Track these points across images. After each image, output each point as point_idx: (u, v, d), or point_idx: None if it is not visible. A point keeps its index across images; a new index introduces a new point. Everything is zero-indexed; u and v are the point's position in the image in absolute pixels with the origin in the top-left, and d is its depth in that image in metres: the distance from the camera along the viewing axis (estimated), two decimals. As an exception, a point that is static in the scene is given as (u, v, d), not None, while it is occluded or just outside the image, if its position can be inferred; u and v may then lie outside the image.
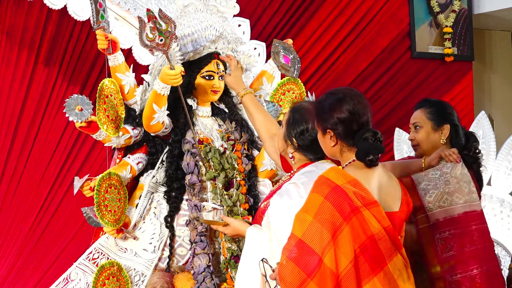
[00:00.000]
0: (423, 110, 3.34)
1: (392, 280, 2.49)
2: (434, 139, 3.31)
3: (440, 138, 3.30)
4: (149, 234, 3.39)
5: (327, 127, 2.59)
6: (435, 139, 3.31)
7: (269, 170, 3.54)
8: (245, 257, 2.79)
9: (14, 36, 4.42)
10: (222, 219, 3.03)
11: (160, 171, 3.48)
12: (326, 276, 2.40)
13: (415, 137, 3.34)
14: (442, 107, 3.37)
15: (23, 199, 4.50)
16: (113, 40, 3.35)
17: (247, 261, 2.76)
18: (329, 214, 2.43)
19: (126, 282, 3.32)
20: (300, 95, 3.61)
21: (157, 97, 3.27)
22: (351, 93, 2.59)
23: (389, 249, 2.50)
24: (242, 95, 3.36)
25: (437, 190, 3.09)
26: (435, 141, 3.30)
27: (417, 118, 3.34)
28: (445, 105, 3.41)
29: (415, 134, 3.34)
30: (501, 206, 4.75)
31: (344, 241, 2.43)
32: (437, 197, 3.08)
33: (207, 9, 3.51)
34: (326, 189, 2.47)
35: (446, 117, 3.33)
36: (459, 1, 5.63)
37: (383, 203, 2.54)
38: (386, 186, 2.60)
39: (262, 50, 4.02)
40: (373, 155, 2.54)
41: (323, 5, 5.17)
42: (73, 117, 3.30)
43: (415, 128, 3.34)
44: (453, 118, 3.34)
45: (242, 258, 2.81)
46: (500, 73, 6.32)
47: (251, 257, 2.75)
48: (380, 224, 2.49)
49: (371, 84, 5.34)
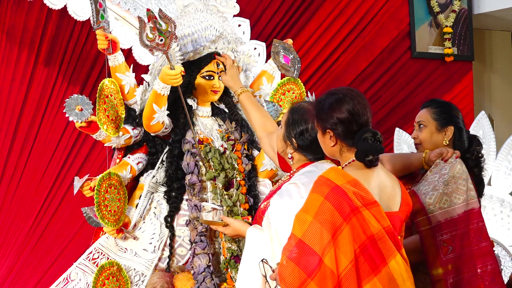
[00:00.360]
0: (429, 109, 3.34)
1: (392, 280, 2.49)
2: (437, 140, 3.30)
3: (443, 139, 3.30)
4: (149, 234, 3.39)
5: (326, 127, 2.60)
6: (438, 139, 3.30)
7: (269, 170, 3.54)
8: (245, 258, 2.78)
9: (14, 36, 4.42)
10: (222, 220, 3.03)
11: (160, 171, 3.48)
12: (326, 276, 2.40)
13: (418, 135, 3.33)
14: (448, 108, 3.37)
15: (23, 199, 4.50)
16: (113, 40, 3.35)
17: (248, 262, 2.76)
18: (329, 214, 2.43)
19: (126, 282, 3.33)
20: (300, 95, 3.61)
21: (157, 97, 3.27)
22: (351, 93, 2.59)
23: (389, 249, 2.50)
24: (239, 94, 3.38)
25: (436, 191, 3.08)
26: (438, 141, 3.30)
27: (422, 117, 3.34)
28: (451, 106, 3.41)
29: (419, 133, 3.33)
30: (501, 206, 4.75)
31: (344, 241, 2.43)
32: (437, 198, 3.08)
33: (207, 9, 3.52)
34: (326, 189, 2.47)
35: (451, 119, 3.33)
36: (459, 1, 5.63)
37: (382, 203, 2.54)
38: (385, 186, 2.60)
39: (262, 50, 4.02)
40: (373, 156, 2.54)
41: (323, 5, 5.17)
42: (73, 117, 3.30)
43: (419, 126, 3.34)
44: (458, 120, 3.34)
45: (243, 259, 2.81)
46: (500, 73, 6.32)
47: (251, 257, 2.74)
48: (380, 224, 2.49)
49: (371, 84, 5.34)
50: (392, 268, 2.49)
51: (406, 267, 2.55)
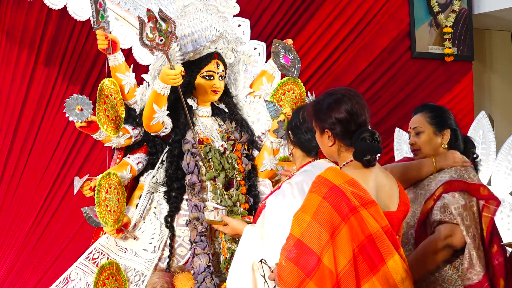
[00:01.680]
0: (423, 114, 3.34)
1: (391, 280, 2.50)
2: (435, 144, 3.32)
3: (442, 143, 3.31)
4: (149, 234, 3.39)
5: (325, 127, 2.61)
6: (436, 143, 3.32)
7: (269, 170, 3.54)
8: (237, 255, 2.81)
9: (14, 36, 4.42)
10: (222, 219, 3.05)
11: (160, 171, 3.48)
12: (325, 276, 2.40)
13: (416, 141, 3.34)
14: (441, 112, 3.38)
15: (23, 199, 4.50)
16: (113, 40, 3.35)
17: (238, 259, 2.78)
18: (328, 214, 2.44)
19: (124, 282, 3.32)
20: (300, 95, 3.61)
21: (157, 97, 3.27)
22: (349, 94, 2.60)
23: (387, 248, 2.50)
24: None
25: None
26: (436, 145, 3.31)
27: (418, 122, 3.34)
28: (444, 109, 3.43)
29: (416, 139, 3.34)
30: (501, 206, 4.75)
31: (343, 241, 2.44)
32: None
33: (207, 9, 3.51)
34: (324, 189, 2.47)
35: (446, 122, 3.34)
36: (459, 1, 5.63)
37: (380, 203, 2.54)
38: (383, 186, 2.61)
39: (262, 50, 4.02)
40: (371, 155, 2.55)
41: (323, 5, 5.17)
42: (73, 117, 3.30)
43: (415, 133, 3.34)
44: (452, 123, 3.37)
45: (235, 256, 2.84)
46: (500, 73, 6.32)
47: (242, 255, 2.77)
48: (378, 223, 2.49)
49: (371, 84, 5.35)
50: (390, 268, 2.50)
51: (404, 266, 2.55)
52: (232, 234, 3.03)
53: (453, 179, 3.20)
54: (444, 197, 3.17)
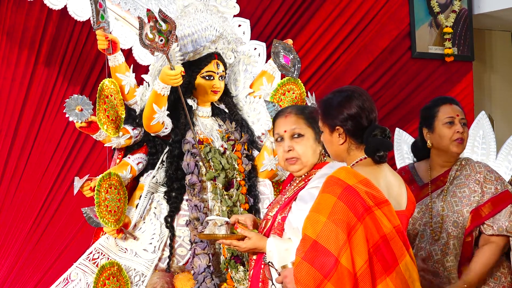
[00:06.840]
0: (457, 106, 3.43)
1: (404, 281, 2.47)
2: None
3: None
4: (149, 234, 3.40)
5: (336, 124, 2.58)
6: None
7: (269, 170, 3.54)
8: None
9: (14, 36, 4.41)
10: (240, 232, 2.80)
11: (160, 171, 3.48)
12: (343, 276, 2.37)
13: (465, 130, 3.41)
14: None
15: (23, 199, 4.50)
16: (113, 40, 3.35)
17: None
18: (344, 214, 2.41)
19: (126, 282, 3.33)
20: (300, 95, 3.61)
21: (157, 98, 3.27)
22: (358, 91, 2.61)
23: (400, 248, 2.48)
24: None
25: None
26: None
27: (462, 113, 3.40)
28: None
29: (465, 128, 3.40)
30: (501, 206, 4.75)
31: (359, 241, 2.41)
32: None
33: (207, 9, 3.52)
34: (338, 189, 2.44)
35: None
36: (459, 1, 5.63)
37: (391, 201, 2.52)
38: (393, 184, 2.59)
39: (262, 50, 4.02)
40: (383, 151, 2.54)
41: (323, 5, 5.16)
42: (73, 117, 3.30)
43: (462, 124, 3.39)
44: None
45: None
46: (500, 73, 6.32)
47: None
48: (391, 223, 2.47)
49: (371, 84, 5.34)
50: (403, 268, 2.48)
51: (414, 267, 2.53)
52: (249, 249, 2.81)
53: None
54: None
